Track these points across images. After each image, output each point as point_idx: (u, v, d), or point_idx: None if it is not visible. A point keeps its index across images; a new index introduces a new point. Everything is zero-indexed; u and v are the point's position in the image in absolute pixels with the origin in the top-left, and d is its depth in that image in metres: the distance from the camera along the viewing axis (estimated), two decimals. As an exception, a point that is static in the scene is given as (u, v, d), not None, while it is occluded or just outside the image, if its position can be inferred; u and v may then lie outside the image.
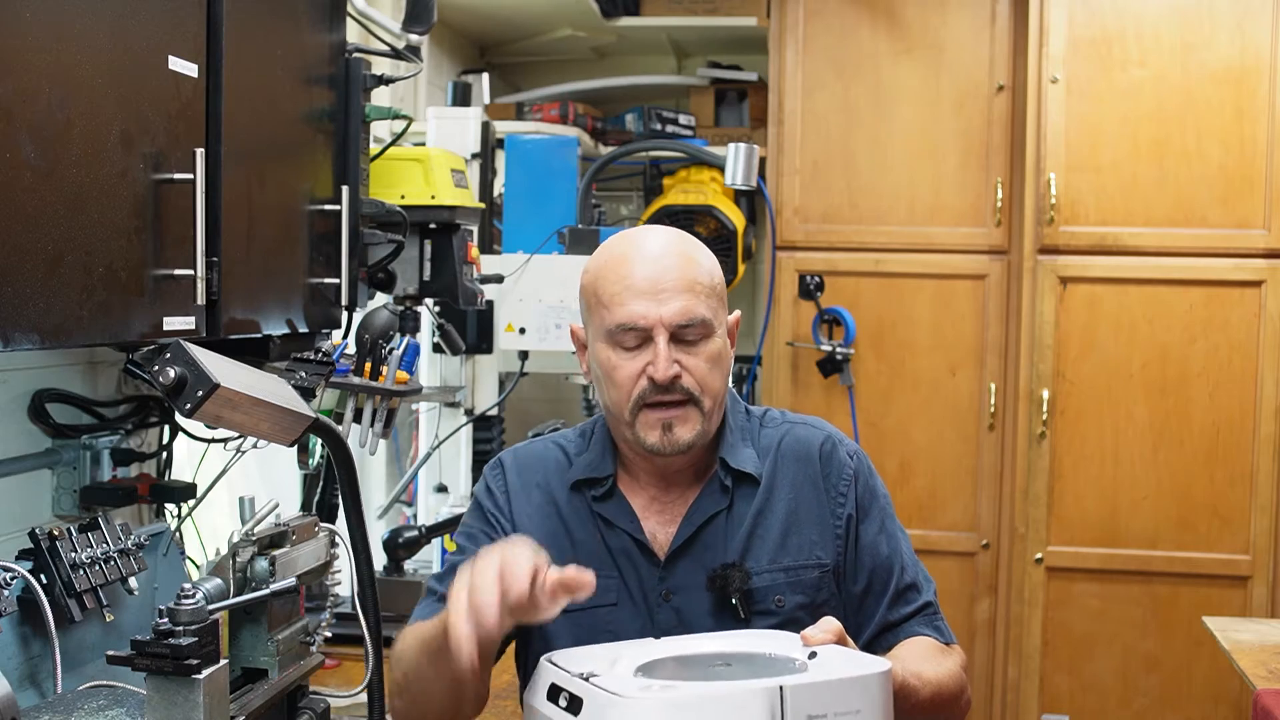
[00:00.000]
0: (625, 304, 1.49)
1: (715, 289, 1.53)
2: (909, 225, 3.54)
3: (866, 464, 1.64)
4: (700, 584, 1.54)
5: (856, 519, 1.59)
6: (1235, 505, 3.34)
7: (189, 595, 1.37)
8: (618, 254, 1.54)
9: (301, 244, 1.93)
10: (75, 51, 1.35)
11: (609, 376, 1.52)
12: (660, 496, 1.59)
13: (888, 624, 1.57)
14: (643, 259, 1.51)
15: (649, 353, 1.48)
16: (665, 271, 1.49)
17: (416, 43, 2.29)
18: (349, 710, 2.02)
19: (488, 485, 1.66)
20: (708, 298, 1.51)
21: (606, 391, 1.54)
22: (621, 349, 1.50)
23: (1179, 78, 3.31)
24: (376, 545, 2.68)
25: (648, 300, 1.48)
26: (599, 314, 1.53)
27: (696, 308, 1.49)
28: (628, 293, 1.49)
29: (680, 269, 1.50)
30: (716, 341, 1.52)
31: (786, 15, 3.57)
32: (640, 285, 1.49)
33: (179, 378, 1.32)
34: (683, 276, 1.49)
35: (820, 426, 1.65)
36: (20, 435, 1.85)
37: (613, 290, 1.50)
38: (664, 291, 1.48)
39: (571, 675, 1.24)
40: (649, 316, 1.48)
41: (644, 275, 1.49)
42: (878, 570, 1.58)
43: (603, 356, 1.52)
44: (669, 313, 1.48)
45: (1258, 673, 2.25)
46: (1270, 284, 3.30)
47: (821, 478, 1.59)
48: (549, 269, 3.04)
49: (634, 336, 1.49)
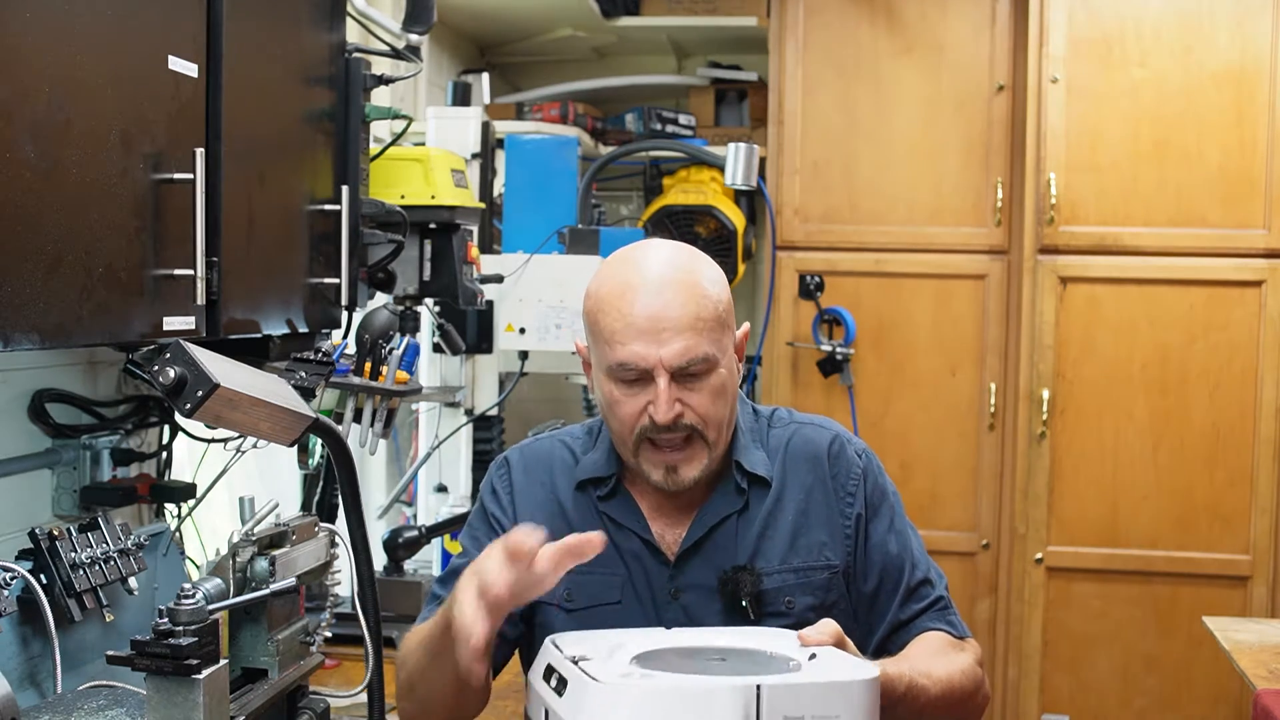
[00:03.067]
0: (626, 343, 1.45)
1: (720, 317, 1.49)
2: (909, 225, 3.54)
3: (875, 463, 1.64)
4: (710, 584, 1.54)
5: (866, 518, 1.58)
6: (1235, 505, 3.33)
7: (189, 595, 1.37)
8: (620, 282, 1.49)
9: (301, 244, 1.92)
10: (75, 51, 1.35)
11: (611, 410, 1.51)
12: (668, 499, 1.58)
13: (900, 621, 1.57)
14: (645, 289, 1.46)
15: (650, 391, 1.46)
16: (666, 308, 1.45)
17: (416, 43, 2.29)
18: (349, 710, 2.02)
19: (493, 485, 1.65)
20: (711, 331, 1.47)
21: (610, 421, 1.54)
22: (623, 384, 1.48)
23: (1179, 78, 3.31)
24: (376, 545, 2.68)
25: (648, 341, 1.44)
26: (600, 349, 1.50)
27: (698, 347, 1.45)
28: (628, 331, 1.45)
29: (682, 304, 1.45)
30: (721, 373, 1.49)
31: (786, 15, 3.57)
32: (641, 324, 1.45)
33: (179, 378, 1.32)
34: (685, 313, 1.45)
35: (828, 426, 1.65)
36: (20, 435, 1.85)
37: (614, 327, 1.47)
38: (665, 331, 1.44)
39: (564, 657, 1.25)
40: (649, 358, 1.45)
41: (645, 313, 1.45)
42: (888, 568, 1.58)
43: (605, 389, 1.51)
44: (669, 354, 1.44)
45: (1258, 673, 2.24)
46: (1270, 284, 3.30)
47: (830, 478, 1.59)
48: (549, 269, 3.04)
49: (635, 374, 1.47)
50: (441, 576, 1.65)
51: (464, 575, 1.29)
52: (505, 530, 1.58)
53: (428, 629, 1.46)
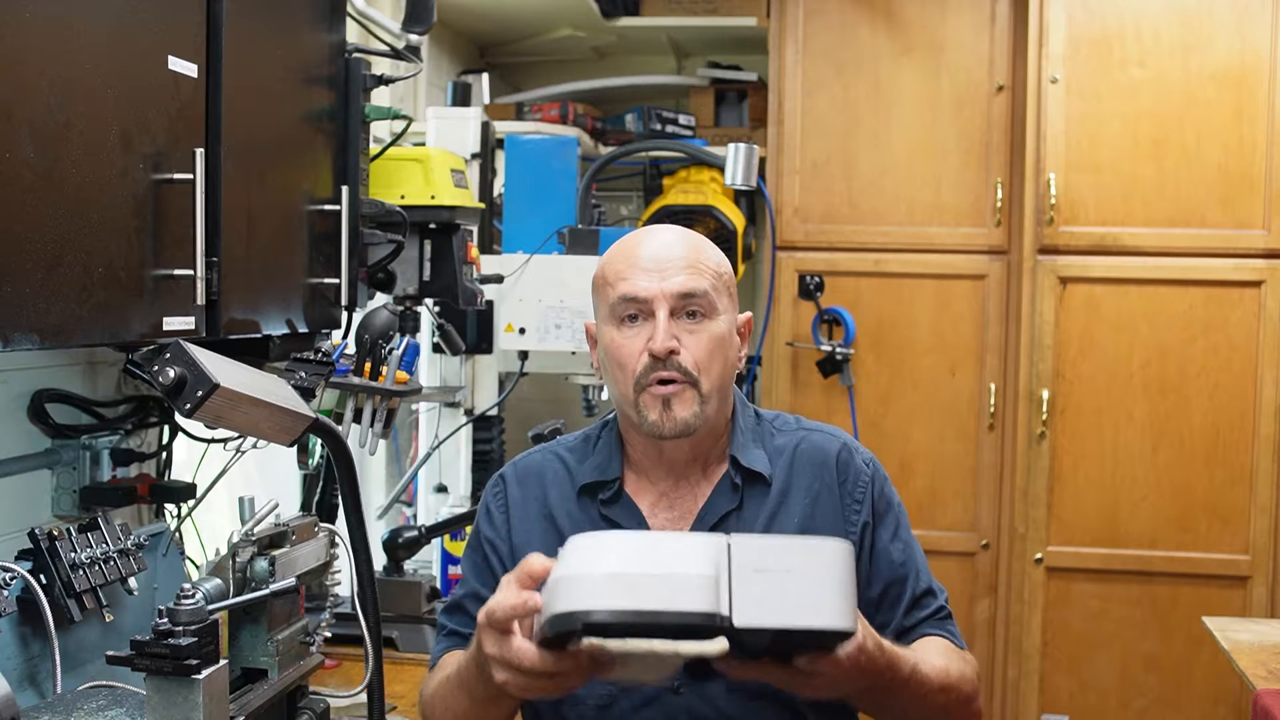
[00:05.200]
0: (629, 279, 1.53)
1: (722, 276, 1.56)
2: (909, 225, 3.54)
3: (881, 472, 1.64)
4: None
5: (873, 526, 1.59)
6: (1235, 505, 3.34)
7: (189, 595, 1.38)
8: (627, 244, 1.59)
9: (301, 244, 1.92)
10: (75, 51, 1.35)
11: (613, 357, 1.54)
12: (669, 493, 1.59)
13: (903, 628, 1.57)
14: (651, 243, 1.56)
15: (650, 328, 1.52)
16: (670, 248, 1.55)
17: (416, 43, 2.29)
18: (349, 710, 2.03)
19: (488, 506, 1.66)
20: (712, 277, 1.54)
21: (613, 374, 1.56)
22: (625, 325, 1.53)
23: (1179, 78, 3.31)
24: (376, 545, 2.68)
25: (651, 275, 1.52)
26: (605, 293, 1.56)
27: (699, 282, 1.52)
28: (632, 269, 1.53)
29: (686, 251, 1.55)
30: (720, 324, 1.54)
31: (786, 15, 3.57)
32: (645, 263, 1.53)
33: (179, 378, 1.32)
34: (688, 255, 1.54)
35: (836, 434, 1.66)
36: (20, 435, 1.85)
37: (618, 269, 1.55)
38: (668, 269, 1.53)
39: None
40: (650, 289, 1.52)
41: (648, 254, 1.55)
42: (894, 576, 1.58)
43: (608, 339, 1.55)
44: (670, 286, 1.51)
45: (1257, 673, 2.25)
46: (1270, 284, 3.30)
47: (838, 485, 1.60)
48: (549, 269, 3.04)
49: (636, 309, 1.52)
50: (447, 606, 1.66)
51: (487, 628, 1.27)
52: (499, 555, 1.61)
53: (453, 660, 1.49)
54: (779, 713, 1.53)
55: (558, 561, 1.19)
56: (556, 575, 1.17)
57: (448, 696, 1.47)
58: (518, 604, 1.21)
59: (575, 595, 1.13)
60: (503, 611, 1.22)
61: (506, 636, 1.22)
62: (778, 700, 1.52)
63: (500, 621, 1.22)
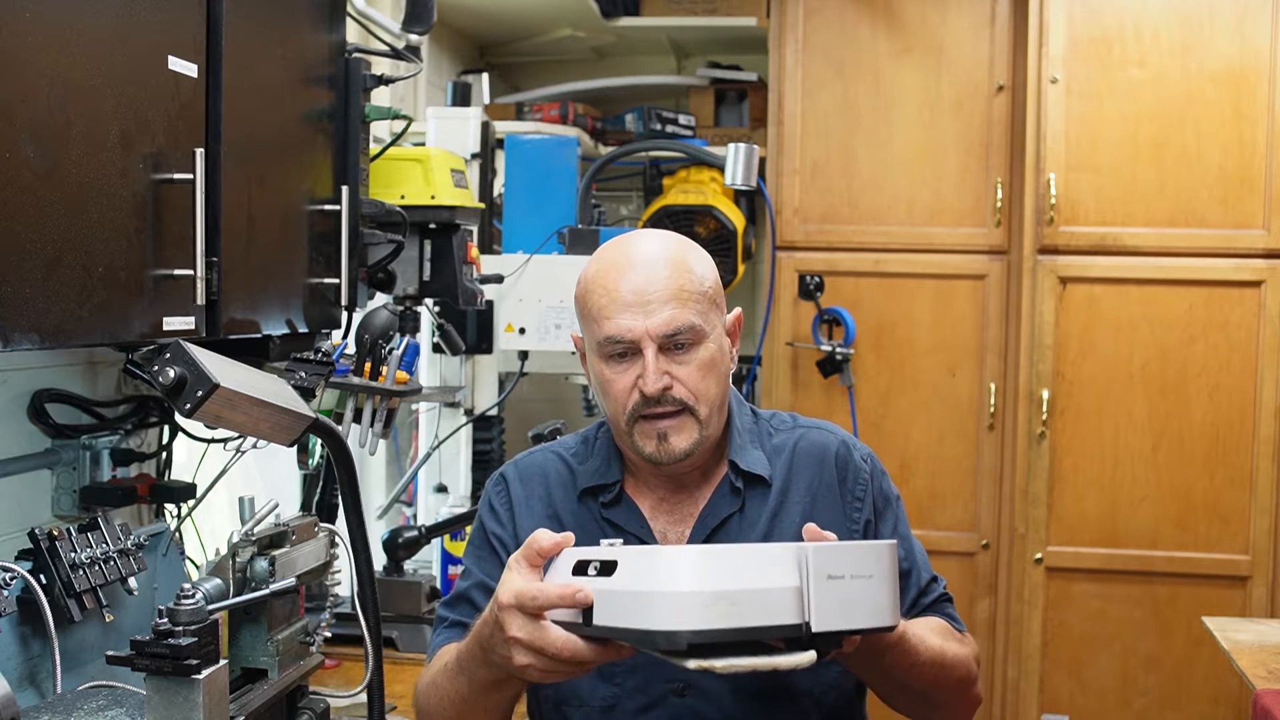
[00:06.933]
0: (612, 317, 1.48)
1: (707, 294, 1.51)
2: (909, 225, 3.54)
3: (879, 466, 1.65)
4: None
5: (875, 523, 1.59)
6: (1235, 505, 3.34)
7: (189, 595, 1.37)
8: (607, 263, 1.53)
9: (301, 244, 1.93)
10: (75, 51, 1.35)
11: (604, 390, 1.52)
12: (669, 498, 1.59)
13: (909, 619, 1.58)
14: (631, 268, 1.50)
15: (639, 365, 1.48)
16: (651, 281, 1.48)
17: (416, 43, 2.29)
18: (349, 710, 2.03)
19: (491, 503, 1.65)
20: (698, 303, 1.49)
21: (604, 403, 1.54)
22: (613, 362, 1.50)
23: (1179, 78, 3.31)
24: (376, 545, 2.68)
25: (634, 313, 1.47)
26: (590, 328, 1.53)
27: (684, 316, 1.47)
28: (613, 306, 1.48)
29: (668, 277, 1.48)
30: (709, 347, 1.50)
31: (786, 15, 3.57)
32: (626, 298, 1.48)
33: (179, 378, 1.32)
34: (670, 285, 1.48)
35: (834, 431, 1.66)
36: (20, 435, 1.85)
37: (600, 304, 1.50)
38: (650, 303, 1.47)
39: (598, 552, 1.26)
40: (635, 330, 1.47)
41: (630, 287, 1.48)
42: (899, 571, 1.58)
43: (597, 370, 1.53)
44: (655, 324, 1.46)
45: (1257, 673, 2.24)
46: (1270, 284, 3.30)
47: (838, 483, 1.60)
48: (549, 269, 3.04)
49: (623, 348, 1.49)
50: (448, 600, 1.65)
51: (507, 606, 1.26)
52: (507, 548, 1.59)
53: (452, 649, 1.48)
54: (783, 714, 1.53)
55: (616, 573, 1.20)
56: (636, 589, 1.17)
57: (444, 684, 1.47)
58: (565, 593, 1.21)
59: (676, 613, 1.13)
60: (545, 598, 1.22)
61: (538, 621, 1.22)
62: (782, 701, 1.52)
63: (539, 607, 1.22)
